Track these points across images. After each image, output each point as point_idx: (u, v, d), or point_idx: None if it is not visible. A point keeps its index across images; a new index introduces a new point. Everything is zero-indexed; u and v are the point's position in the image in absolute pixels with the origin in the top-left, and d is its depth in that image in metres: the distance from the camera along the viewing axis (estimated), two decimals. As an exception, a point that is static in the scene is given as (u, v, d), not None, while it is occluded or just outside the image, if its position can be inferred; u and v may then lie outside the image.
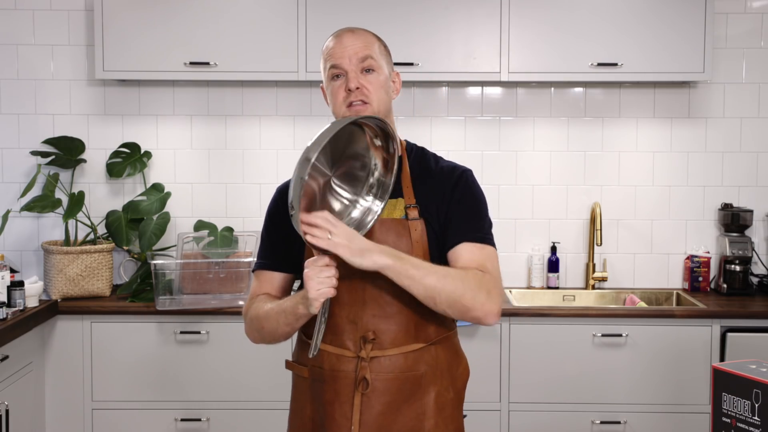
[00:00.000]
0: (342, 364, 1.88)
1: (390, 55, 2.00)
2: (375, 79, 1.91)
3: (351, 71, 1.90)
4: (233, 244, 3.62)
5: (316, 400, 1.93)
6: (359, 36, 1.93)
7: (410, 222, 1.90)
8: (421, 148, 2.04)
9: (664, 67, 3.52)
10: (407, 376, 1.88)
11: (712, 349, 3.36)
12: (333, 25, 3.45)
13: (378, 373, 1.87)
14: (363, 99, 1.89)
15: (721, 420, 1.63)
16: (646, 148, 3.86)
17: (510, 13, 3.49)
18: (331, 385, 1.89)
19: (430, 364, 1.91)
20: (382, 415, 1.87)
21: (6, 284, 3.23)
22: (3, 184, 3.82)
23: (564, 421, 3.38)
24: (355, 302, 1.88)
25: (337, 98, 1.92)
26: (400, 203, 1.93)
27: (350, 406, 1.87)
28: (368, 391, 1.87)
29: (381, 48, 1.96)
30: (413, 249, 1.88)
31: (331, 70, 1.92)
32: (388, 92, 1.95)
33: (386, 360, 1.87)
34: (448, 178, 1.96)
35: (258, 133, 3.86)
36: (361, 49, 1.91)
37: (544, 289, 3.85)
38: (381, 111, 1.91)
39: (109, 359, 3.39)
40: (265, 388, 3.39)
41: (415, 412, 1.90)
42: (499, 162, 3.83)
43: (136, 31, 3.49)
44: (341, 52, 1.91)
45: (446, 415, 1.94)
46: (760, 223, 3.87)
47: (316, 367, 1.92)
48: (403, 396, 1.89)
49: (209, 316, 3.38)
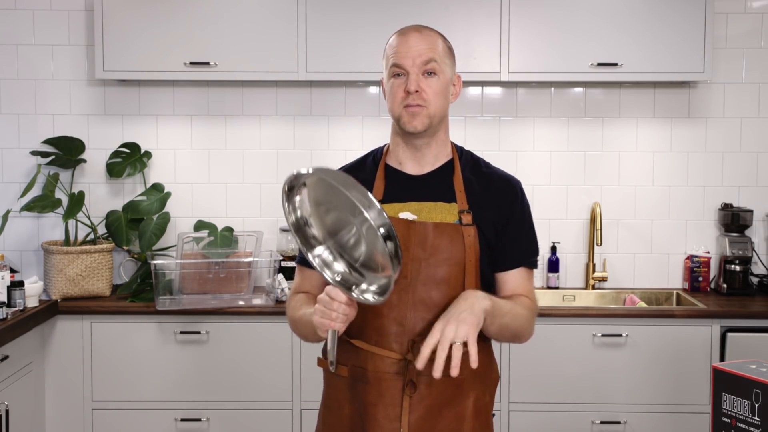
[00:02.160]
0: (387, 366, 1.87)
1: (454, 57, 1.98)
2: (436, 83, 1.90)
3: (413, 72, 1.88)
4: (233, 244, 3.62)
5: (356, 400, 1.91)
6: (425, 36, 1.91)
7: (464, 227, 1.90)
8: (469, 152, 2.05)
9: (664, 67, 3.52)
10: (451, 380, 1.87)
11: (712, 349, 3.36)
12: (333, 25, 3.48)
13: (422, 376, 1.86)
14: (420, 102, 1.88)
15: (721, 420, 1.63)
16: (646, 148, 3.86)
17: (510, 13, 3.49)
18: (375, 387, 1.87)
19: (470, 368, 1.91)
20: (424, 418, 1.87)
21: (6, 284, 3.23)
22: (3, 184, 3.82)
23: (564, 421, 3.38)
24: (403, 304, 1.87)
25: (395, 97, 1.91)
26: (454, 207, 1.93)
27: (394, 409, 1.86)
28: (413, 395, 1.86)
29: (446, 50, 1.94)
30: (466, 254, 1.89)
31: (393, 68, 1.90)
32: (447, 97, 1.94)
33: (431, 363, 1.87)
34: (505, 190, 1.99)
35: (258, 133, 3.86)
36: (426, 52, 1.89)
37: (544, 289, 3.84)
38: (437, 115, 1.91)
39: (109, 359, 3.39)
40: (264, 388, 3.39)
41: (455, 416, 1.90)
42: (499, 162, 3.74)
43: (136, 31, 3.49)
44: (405, 52, 1.89)
45: (482, 419, 1.94)
46: (760, 223, 3.87)
47: (358, 368, 1.90)
48: (444, 400, 1.88)
49: (209, 316, 3.38)
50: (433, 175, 1.97)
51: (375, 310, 1.86)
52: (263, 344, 3.39)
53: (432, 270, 1.87)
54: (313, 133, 3.84)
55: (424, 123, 1.89)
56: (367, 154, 2.06)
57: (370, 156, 2.04)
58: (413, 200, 1.94)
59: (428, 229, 1.88)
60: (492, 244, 1.94)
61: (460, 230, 1.90)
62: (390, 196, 1.95)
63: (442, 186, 1.96)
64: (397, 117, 1.92)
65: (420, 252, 1.87)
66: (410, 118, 1.89)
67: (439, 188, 1.95)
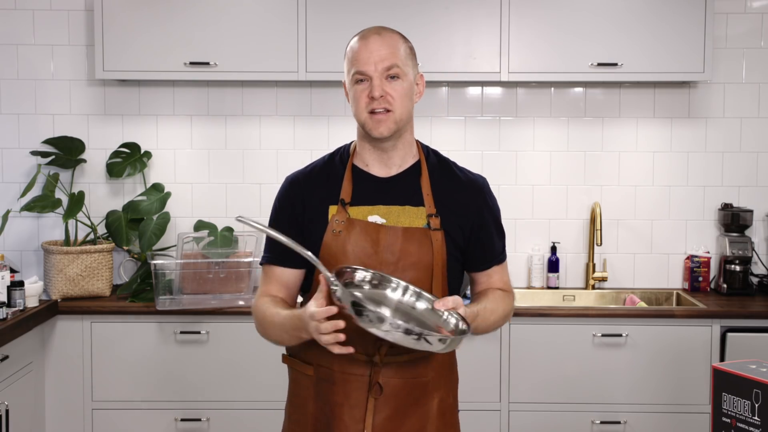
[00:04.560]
0: (354, 367, 1.88)
1: (415, 57, 1.97)
2: (399, 86, 1.89)
3: (376, 78, 1.87)
4: (233, 244, 3.62)
5: (321, 399, 1.92)
6: (386, 40, 1.90)
7: (432, 232, 1.91)
8: (435, 151, 2.05)
9: (664, 67, 3.52)
10: (416, 382, 1.89)
11: (712, 349, 3.35)
12: (333, 25, 3.48)
13: (388, 378, 1.87)
14: (386, 107, 1.88)
15: (721, 420, 1.63)
16: (646, 148, 3.86)
17: (510, 13, 3.49)
18: (341, 387, 1.88)
19: (436, 370, 1.93)
20: (389, 419, 1.88)
21: (6, 284, 3.23)
22: (3, 184, 3.82)
23: (564, 421, 3.38)
24: None
25: (359, 103, 1.90)
26: (422, 211, 1.93)
27: (359, 410, 1.87)
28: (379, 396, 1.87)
29: (407, 51, 1.93)
30: (434, 258, 1.90)
31: (355, 75, 1.89)
32: (412, 98, 1.94)
33: (397, 365, 1.88)
34: (473, 194, 2.00)
35: (258, 133, 3.85)
36: (388, 57, 1.87)
37: (544, 289, 3.84)
38: (403, 119, 1.91)
39: (109, 359, 3.39)
40: (265, 388, 3.39)
41: (420, 417, 1.91)
42: (499, 162, 3.83)
43: (136, 31, 3.49)
44: (367, 57, 1.87)
45: (447, 420, 1.96)
46: (760, 223, 3.87)
47: (323, 367, 1.91)
48: (410, 401, 1.90)
49: (209, 316, 3.38)
50: (400, 178, 1.97)
51: (342, 312, 1.86)
52: (263, 344, 3.36)
53: (400, 274, 1.88)
54: (313, 133, 3.84)
55: (390, 128, 1.90)
56: (333, 152, 2.05)
57: (336, 154, 2.03)
58: (381, 203, 1.94)
59: (398, 234, 1.89)
60: (461, 247, 1.97)
61: (428, 234, 1.91)
62: (358, 199, 1.95)
63: (410, 189, 1.96)
64: (362, 123, 1.91)
65: (389, 256, 1.89)
66: (376, 125, 1.89)
67: (406, 192, 1.95)
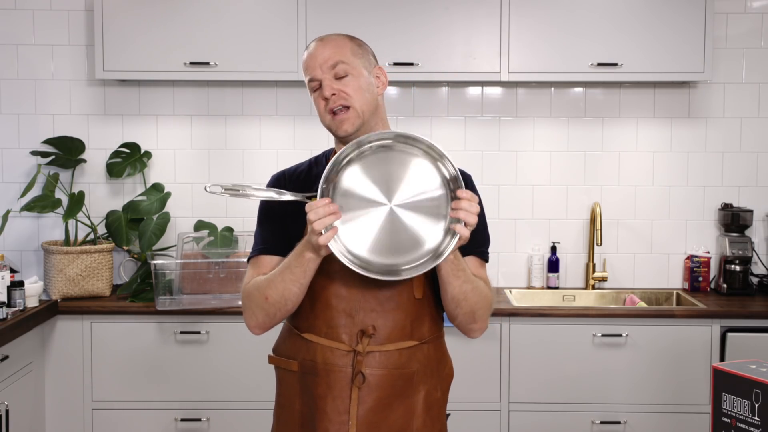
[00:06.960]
0: (336, 357, 1.88)
1: (368, 53, 1.98)
2: (351, 82, 1.91)
3: (324, 79, 1.90)
4: (233, 244, 3.62)
5: (306, 394, 1.93)
6: (327, 43, 1.94)
7: None
8: None
9: (664, 67, 3.52)
10: (400, 372, 1.89)
11: (712, 349, 3.36)
12: (333, 25, 3.47)
13: (372, 369, 1.87)
14: (343, 103, 1.90)
15: (721, 420, 1.63)
16: (646, 148, 3.86)
17: (510, 13, 3.49)
18: (324, 379, 1.89)
19: (422, 362, 1.93)
20: (373, 411, 1.88)
21: (6, 284, 3.23)
22: (3, 184, 3.82)
23: (564, 421, 3.38)
24: (353, 296, 1.89)
25: (319, 108, 1.94)
26: None
27: (343, 401, 1.87)
28: (362, 386, 1.87)
29: (355, 49, 1.95)
30: None
31: (310, 83, 1.94)
32: (371, 91, 1.94)
33: (381, 355, 1.88)
34: None
35: (258, 133, 3.86)
36: (331, 56, 1.91)
37: (544, 289, 3.84)
38: (365, 110, 1.92)
39: (109, 359, 3.39)
40: (265, 388, 3.38)
41: (405, 409, 1.91)
42: (499, 162, 3.83)
43: (136, 31, 3.49)
44: (312, 63, 1.92)
45: (433, 415, 1.95)
46: (760, 223, 3.87)
47: (307, 360, 1.92)
48: (395, 392, 1.89)
49: (209, 316, 3.38)
50: None
51: (325, 303, 1.89)
52: (263, 344, 3.38)
53: None
54: (313, 133, 3.83)
55: (355, 124, 1.91)
56: (318, 155, 2.06)
57: (322, 157, 2.05)
58: None
59: None
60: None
61: None
62: None
63: None
64: (327, 126, 1.94)
65: None
66: (339, 125, 1.91)
67: None
